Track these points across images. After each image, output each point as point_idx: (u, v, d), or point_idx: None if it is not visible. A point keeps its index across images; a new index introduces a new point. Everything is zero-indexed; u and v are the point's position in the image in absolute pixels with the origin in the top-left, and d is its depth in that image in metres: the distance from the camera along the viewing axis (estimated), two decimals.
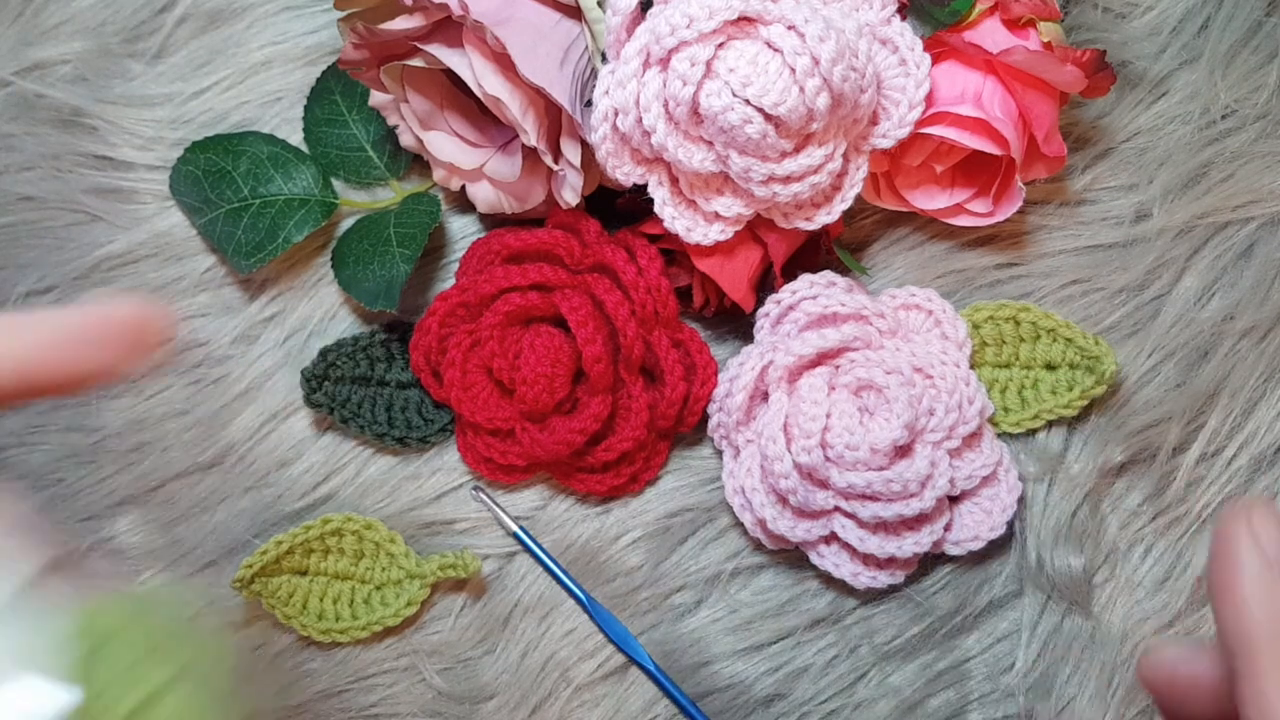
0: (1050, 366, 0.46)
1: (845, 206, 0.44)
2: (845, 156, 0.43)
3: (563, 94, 0.41)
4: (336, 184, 0.50)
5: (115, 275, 0.50)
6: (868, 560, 0.45)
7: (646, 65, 0.41)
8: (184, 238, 0.50)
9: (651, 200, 0.44)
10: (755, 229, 0.45)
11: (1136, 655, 0.45)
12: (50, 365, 0.27)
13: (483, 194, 0.47)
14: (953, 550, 0.45)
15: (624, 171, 0.43)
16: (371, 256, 0.47)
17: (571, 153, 0.43)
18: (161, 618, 0.26)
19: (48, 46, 0.51)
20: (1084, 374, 0.46)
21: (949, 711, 0.46)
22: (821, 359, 0.45)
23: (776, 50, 0.39)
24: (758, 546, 0.48)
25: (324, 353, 0.48)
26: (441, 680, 0.47)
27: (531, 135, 0.42)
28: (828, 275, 0.46)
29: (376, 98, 0.47)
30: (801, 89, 0.39)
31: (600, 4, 0.42)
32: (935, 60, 0.43)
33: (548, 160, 0.43)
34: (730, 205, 0.43)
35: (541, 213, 0.47)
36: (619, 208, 0.47)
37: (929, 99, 0.43)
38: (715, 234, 0.44)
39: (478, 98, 0.43)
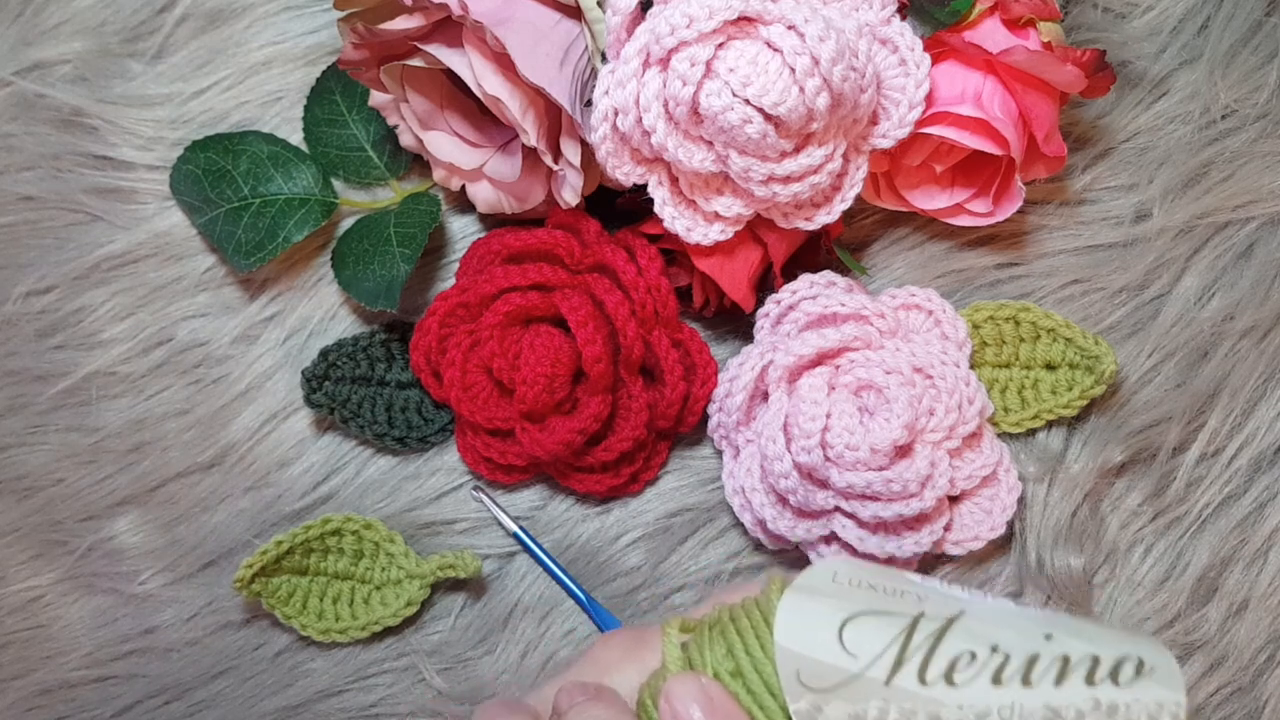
0: (1050, 366, 0.46)
1: (845, 206, 0.44)
2: (845, 156, 0.43)
3: (562, 94, 0.41)
4: (336, 184, 0.50)
5: (115, 275, 0.50)
6: (868, 560, 0.45)
7: (646, 65, 0.41)
8: (184, 237, 0.50)
9: (651, 200, 0.44)
10: (755, 229, 0.45)
11: None
12: None
13: (483, 194, 0.47)
14: (953, 550, 0.45)
15: (624, 171, 0.43)
16: (372, 256, 0.47)
17: (571, 153, 0.43)
18: None
19: (48, 46, 0.51)
20: (1084, 374, 0.46)
21: None
22: (821, 359, 0.45)
23: (776, 50, 0.39)
24: (758, 546, 0.48)
25: (324, 353, 0.48)
26: (441, 680, 0.47)
27: (531, 135, 0.42)
28: (828, 275, 0.46)
29: (376, 98, 0.47)
30: (801, 89, 0.39)
31: (600, 4, 0.42)
32: (935, 60, 0.43)
33: (547, 160, 0.43)
34: (730, 205, 0.43)
35: (541, 213, 0.47)
36: (619, 207, 0.47)
37: (929, 99, 0.43)
38: (715, 234, 0.44)
39: (478, 98, 0.43)
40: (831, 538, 0.45)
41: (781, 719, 0.28)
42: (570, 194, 0.44)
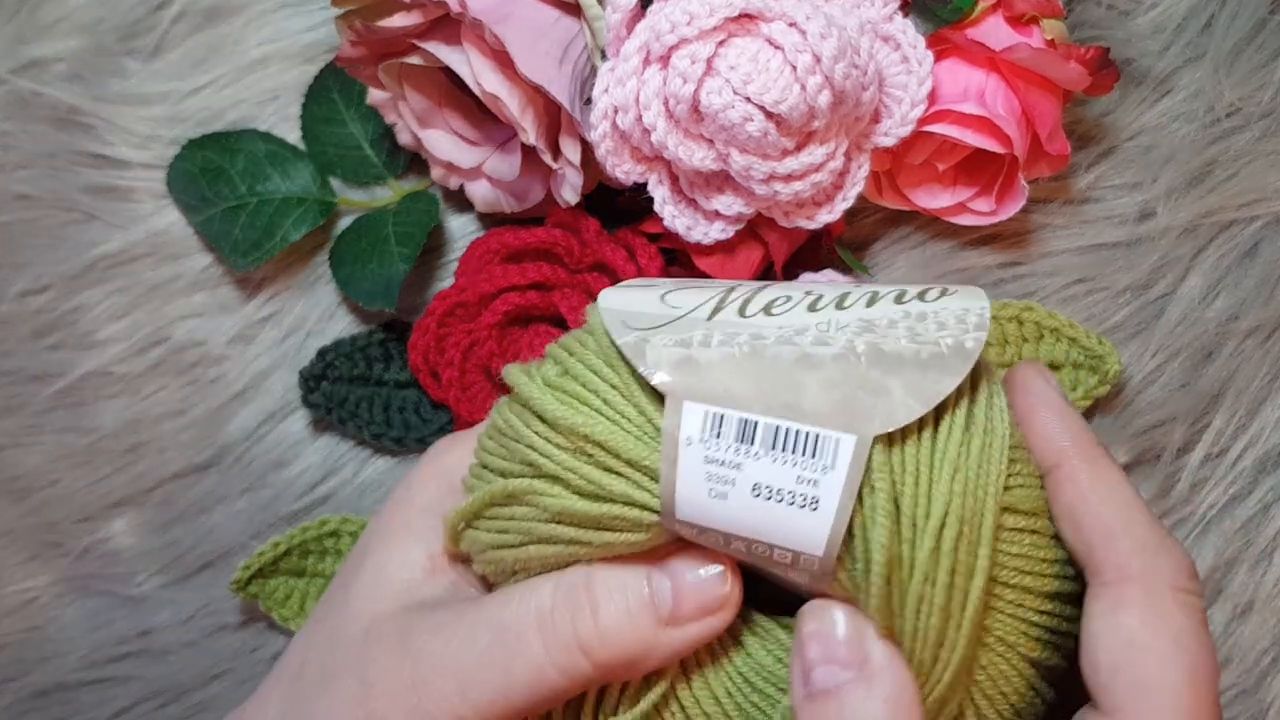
0: (1054, 366, 0.46)
1: (847, 205, 0.44)
2: (847, 155, 0.43)
3: (562, 92, 0.41)
4: (334, 183, 0.50)
5: (111, 274, 0.50)
6: None
7: (646, 62, 0.40)
8: (180, 236, 0.50)
9: (651, 199, 0.43)
10: (756, 228, 0.45)
11: None
12: None
13: (481, 193, 0.47)
14: None
15: (624, 170, 0.43)
16: (370, 256, 0.47)
17: (571, 151, 0.43)
18: None
19: (44, 44, 0.51)
20: (1088, 374, 0.45)
21: None
22: None
23: (778, 47, 0.39)
24: None
25: (322, 353, 0.48)
26: None
27: (530, 133, 0.42)
28: (829, 274, 0.46)
29: (374, 96, 0.46)
30: (803, 87, 0.39)
31: (600, 1, 0.41)
32: (938, 58, 0.43)
33: (547, 159, 0.43)
34: (731, 204, 0.43)
35: (541, 211, 0.47)
36: (620, 206, 0.47)
37: (931, 97, 0.43)
38: (715, 233, 0.44)
39: (476, 96, 0.43)
40: None
41: (612, 377, 0.30)
42: (570, 193, 0.44)
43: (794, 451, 0.28)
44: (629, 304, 0.31)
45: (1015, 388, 0.32)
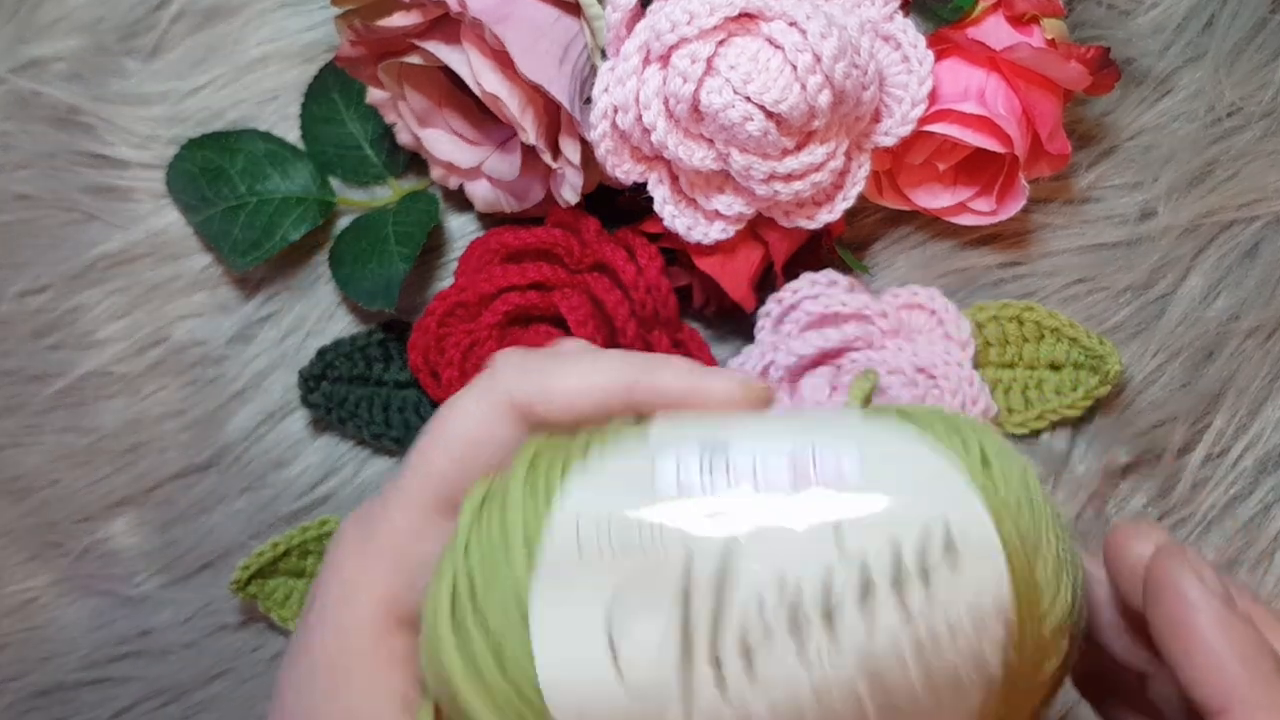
0: (1054, 366, 0.46)
1: (847, 205, 0.44)
2: (847, 154, 0.43)
3: (562, 91, 0.41)
4: (334, 182, 0.50)
5: (111, 274, 0.50)
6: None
7: (646, 62, 0.40)
8: (180, 236, 0.50)
9: (652, 199, 0.43)
10: (756, 228, 0.45)
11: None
12: None
13: (481, 192, 0.47)
14: None
15: (623, 170, 0.42)
16: (369, 255, 0.47)
17: (571, 151, 0.43)
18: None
19: (43, 44, 0.51)
20: (1088, 374, 0.45)
21: None
22: (823, 359, 0.45)
23: (778, 47, 0.39)
24: None
25: (322, 353, 0.48)
26: None
27: (530, 133, 0.42)
28: (829, 274, 0.46)
29: (374, 95, 0.46)
30: (803, 86, 0.39)
31: (600, 0, 0.41)
32: (938, 57, 0.43)
33: (546, 158, 0.43)
34: (731, 203, 0.43)
35: (541, 211, 0.47)
36: (620, 206, 0.47)
37: (932, 96, 0.43)
38: (716, 233, 0.44)
39: (476, 96, 0.42)
40: None
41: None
42: (569, 192, 0.44)
43: None
44: (575, 667, 0.25)
45: (1162, 590, 0.25)
